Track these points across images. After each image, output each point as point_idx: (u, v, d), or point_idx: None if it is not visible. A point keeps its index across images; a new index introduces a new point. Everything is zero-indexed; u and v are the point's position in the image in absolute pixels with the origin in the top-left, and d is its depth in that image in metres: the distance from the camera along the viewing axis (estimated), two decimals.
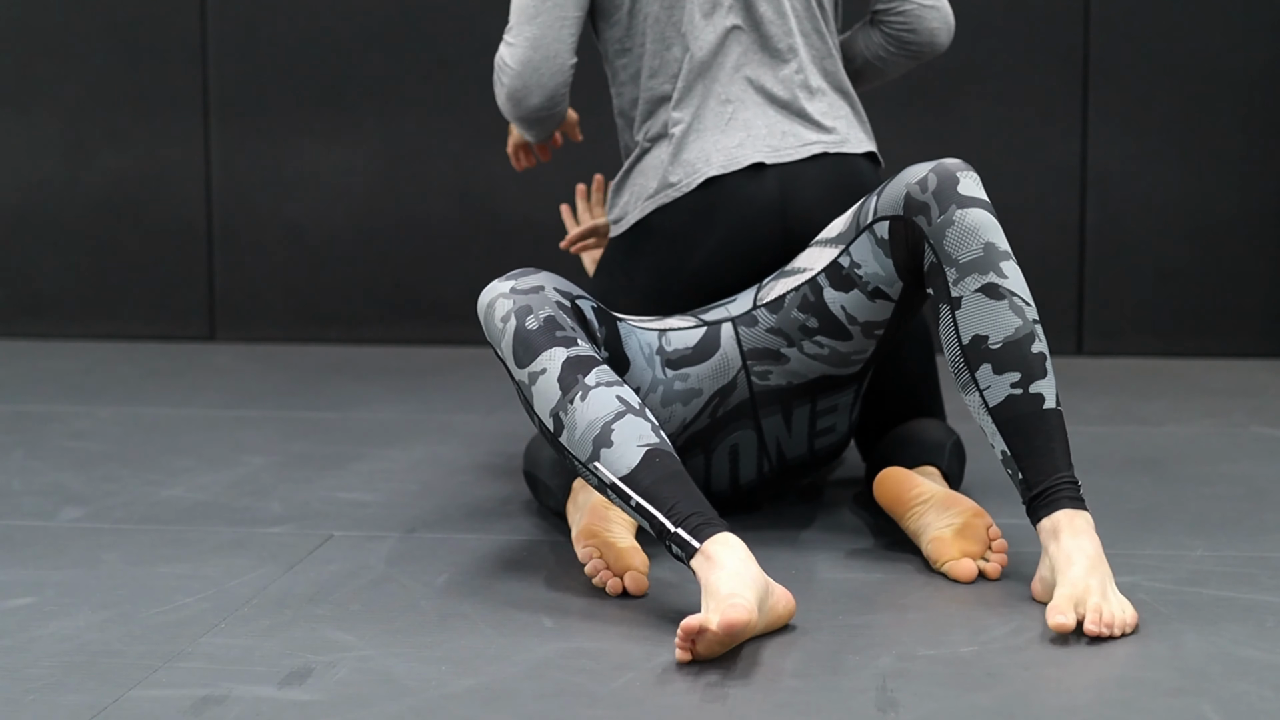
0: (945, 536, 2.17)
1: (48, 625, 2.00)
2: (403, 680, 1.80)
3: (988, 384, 2.06)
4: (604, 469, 2.01)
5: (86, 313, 4.42)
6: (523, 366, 2.07)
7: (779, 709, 1.71)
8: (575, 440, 2.03)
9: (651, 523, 1.97)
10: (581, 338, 2.09)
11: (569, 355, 2.06)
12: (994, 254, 2.08)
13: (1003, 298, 2.06)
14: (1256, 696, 1.72)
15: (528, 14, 2.42)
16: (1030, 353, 2.05)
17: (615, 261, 2.45)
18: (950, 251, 2.10)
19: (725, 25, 2.41)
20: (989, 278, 2.07)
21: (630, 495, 1.98)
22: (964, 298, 2.08)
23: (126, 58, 4.35)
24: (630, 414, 2.02)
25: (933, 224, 2.12)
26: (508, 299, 2.10)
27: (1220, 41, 3.99)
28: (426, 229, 4.29)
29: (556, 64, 2.41)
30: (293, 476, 2.81)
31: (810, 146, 2.40)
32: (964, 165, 2.16)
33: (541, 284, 2.12)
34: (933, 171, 2.14)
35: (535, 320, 2.08)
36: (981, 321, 2.07)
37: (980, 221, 2.10)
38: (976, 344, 2.06)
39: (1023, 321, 2.06)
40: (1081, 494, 2.02)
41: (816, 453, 2.45)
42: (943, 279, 2.11)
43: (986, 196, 2.14)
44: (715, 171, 2.36)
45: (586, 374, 2.04)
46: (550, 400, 2.05)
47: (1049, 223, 4.06)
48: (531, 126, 2.50)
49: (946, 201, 2.12)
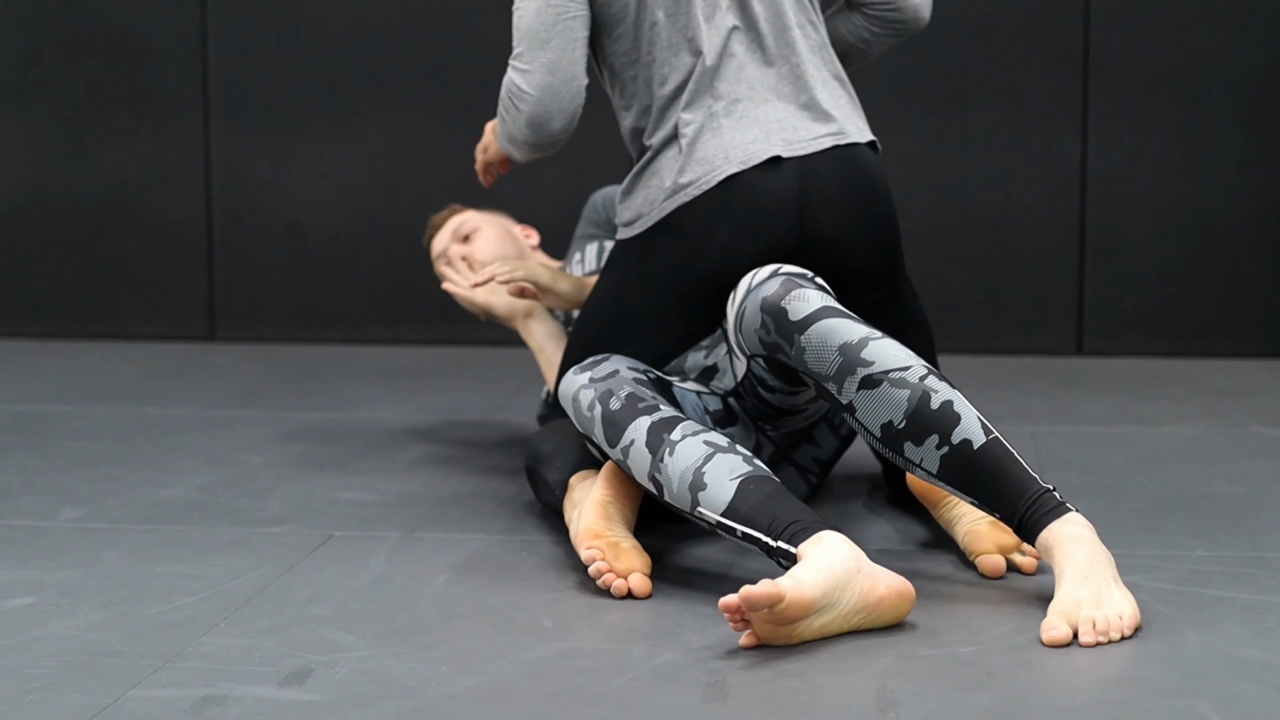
0: (980, 529, 2.20)
1: (48, 625, 2.00)
2: (403, 680, 1.80)
3: (919, 457, 2.08)
4: (706, 511, 2.07)
5: (86, 313, 4.42)
6: (615, 445, 2.18)
7: (779, 709, 1.71)
8: (675, 494, 2.10)
9: (760, 547, 2.02)
10: (663, 403, 2.21)
11: (652, 421, 2.16)
12: (850, 351, 2.11)
13: (879, 383, 2.09)
14: (1256, 696, 1.72)
15: (539, 39, 2.41)
16: (933, 411, 2.06)
17: (628, 262, 2.45)
18: (817, 369, 2.14)
19: (727, 26, 2.42)
20: (859, 373, 2.10)
21: (735, 528, 2.04)
22: (853, 400, 2.11)
23: (126, 58, 4.35)
24: (719, 453, 2.09)
25: (793, 356, 2.17)
26: (589, 389, 2.24)
27: (1220, 41, 3.99)
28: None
29: (574, 86, 2.42)
30: (293, 476, 2.81)
31: (821, 140, 2.40)
32: (783, 286, 2.18)
33: (616, 368, 2.26)
34: (763, 313, 2.18)
35: (618, 400, 2.20)
36: (878, 411, 2.09)
37: (822, 333, 2.13)
38: (887, 431, 2.09)
39: (910, 390, 2.08)
40: (1056, 495, 2.02)
41: (845, 438, 2.56)
42: (828, 393, 2.15)
43: (812, 294, 2.16)
44: (735, 168, 2.36)
45: (671, 431, 2.14)
46: (645, 466, 2.14)
47: (1049, 223, 4.06)
48: (544, 150, 2.49)
49: (788, 334, 2.16)
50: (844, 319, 2.14)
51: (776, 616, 1.85)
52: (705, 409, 2.39)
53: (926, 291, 3.03)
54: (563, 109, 2.43)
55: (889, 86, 3.98)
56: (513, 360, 3.94)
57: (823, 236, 2.36)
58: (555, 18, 2.40)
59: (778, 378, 2.26)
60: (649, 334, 2.42)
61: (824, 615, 1.89)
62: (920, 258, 3.61)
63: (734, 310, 2.25)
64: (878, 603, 1.93)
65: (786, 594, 1.84)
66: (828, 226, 2.37)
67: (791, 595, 1.85)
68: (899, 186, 2.91)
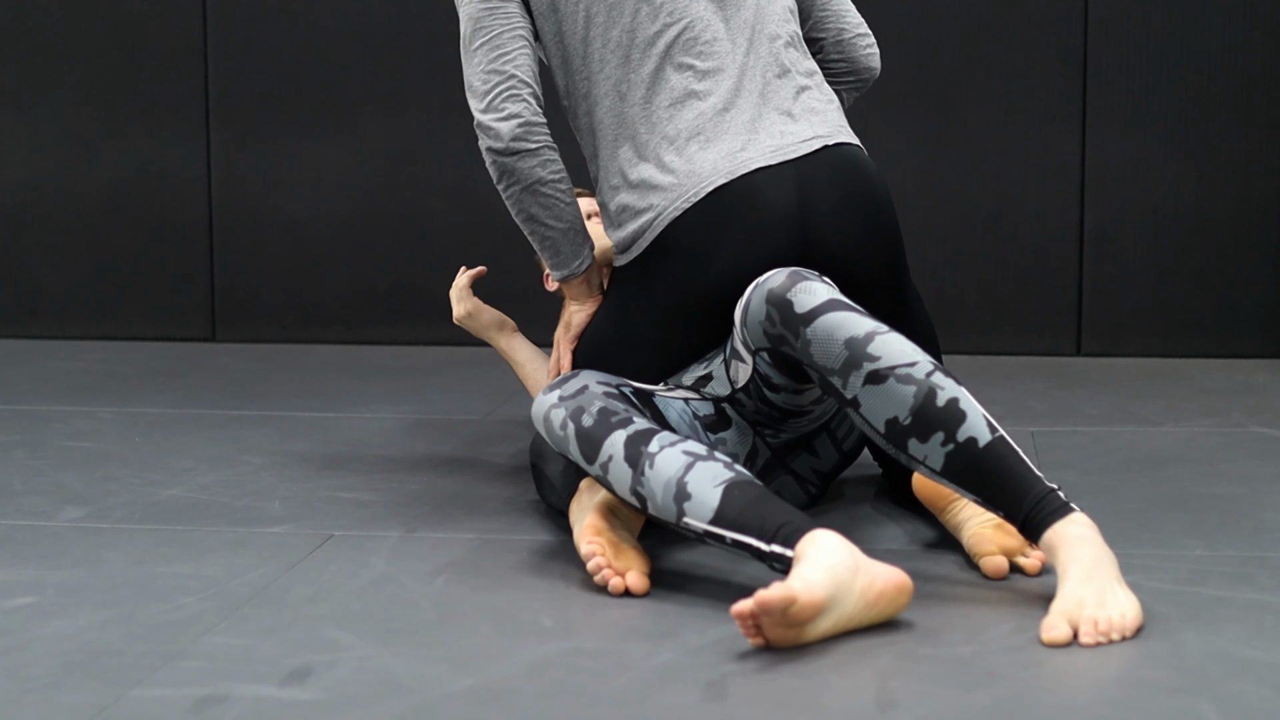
0: (985, 532, 2.20)
1: (48, 625, 2.00)
2: (403, 680, 1.80)
3: (923, 454, 2.08)
4: (692, 521, 2.06)
5: (86, 313, 4.42)
6: (593, 462, 2.17)
7: (779, 709, 1.71)
8: (660, 506, 2.09)
9: (751, 552, 2.01)
10: (636, 414, 2.19)
11: (628, 434, 2.15)
12: (856, 346, 2.10)
13: (886, 378, 2.08)
14: (1256, 696, 1.73)
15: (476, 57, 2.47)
16: (939, 408, 2.06)
17: (629, 281, 2.45)
18: (823, 363, 2.13)
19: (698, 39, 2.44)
20: (865, 368, 2.09)
21: (724, 535, 2.03)
22: (858, 395, 2.10)
23: (126, 58, 4.35)
24: (699, 461, 2.08)
25: (797, 349, 2.16)
26: (559, 408, 2.21)
27: (1220, 41, 3.99)
28: (426, 229, 4.29)
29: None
30: (293, 476, 2.81)
31: (809, 143, 2.40)
32: (789, 279, 2.18)
33: (585, 384, 2.24)
34: (769, 304, 2.18)
35: (589, 416, 2.18)
36: (884, 407, 2.09)
37: (829, 326, 2.13)
38: (892, 427, 2.09)
39: (915, 386, 2.07)
40: (1061, 495, 2.03)
41: (848, 453, 2.55)
42: (832, 387, 2.14)
43: (819, 288, 2.16)
44: (723, 179, 2.36)
45: (648, 444, 2.12)
46: (626, 481, 2.13)
47: (1049, 223, 4.06)
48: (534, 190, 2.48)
49: (794, 327, 2.15)
50: (850, 312, 2.14)
51: (789, 619, 1.85)
52: (694, 414, 2.38)
53: (926, 291, 3.03)
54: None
55: (889, 86, 3.98)
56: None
57: (825, 248, 2.35)
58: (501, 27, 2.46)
59: (784, 374, 2.26)
60: (651, 351, 2.42)
61: (830, 617, 1.90)
62: (920, 258, 3.61)
63: (740, 306, 2.25)
64: (877, 598, 1.93)
65: (799, 596, 1.84)
66: (830, 237, 2.35)
67: (804, 597, 1.85)
68: (898, 186, 2.92)
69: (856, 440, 2.53)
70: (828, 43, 2.63)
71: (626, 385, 2.30)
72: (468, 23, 2.47)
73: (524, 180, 2.41)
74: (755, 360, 2.27)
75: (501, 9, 2.45)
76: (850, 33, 2.63)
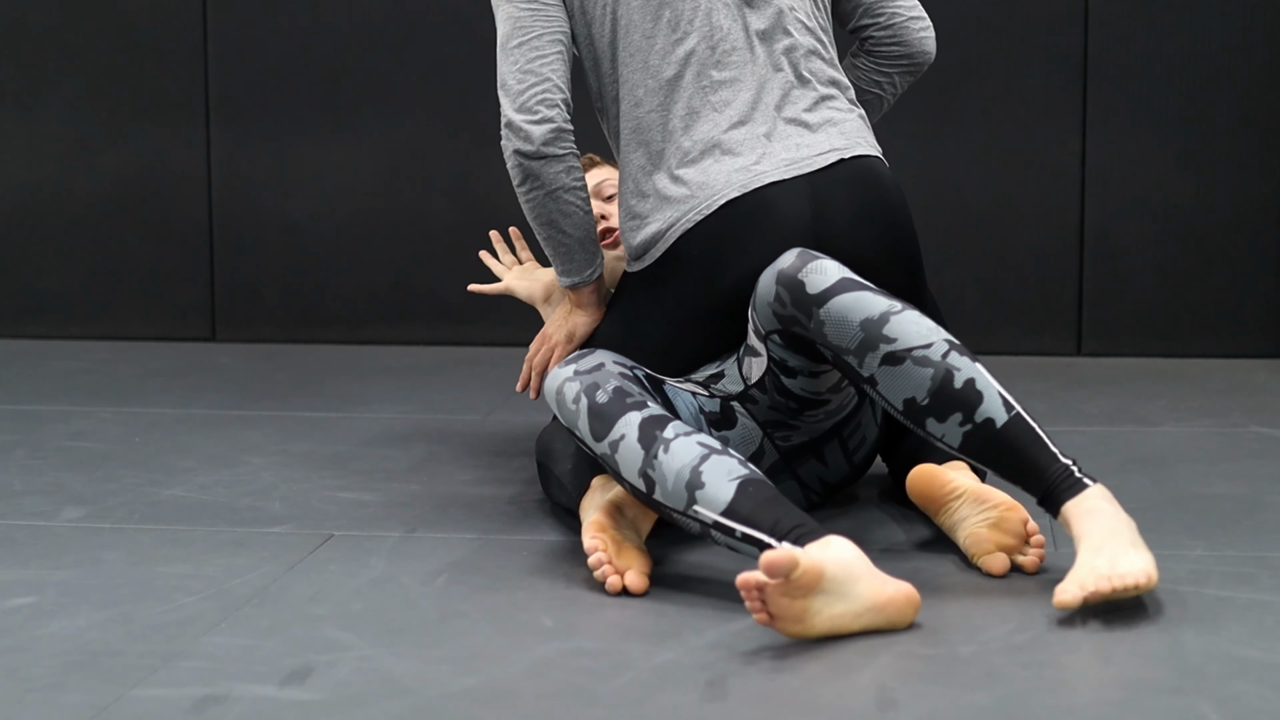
0: (981, 531, 2.20)
1: (49, 625, 2.00)
2: (403, 680, 1.80)
3: (941, 433, 2.11)
4: (703, 510, 2.05)
5: (86, 313, 4.42)
6: (601, 439, 2.15)
7: (779, 708, 1.71)
8: (669, 492, 2.08)
9: (760, 548, 2.01)
10: (651, 399, 2.19)
11: (644, 416, 2.14)
12: (872, 327, 2.12)
13: (904, 360, 2.10)
14: (1256, 696, 1.73)
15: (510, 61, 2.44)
16: (957, 389, 2.09)
17: (640, 289, 2.45)
18: (838, 343, 2.14)
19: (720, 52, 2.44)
20: (881, 350, 2.11)
21: (734, 528, 2.03)
22: (874, 374, 2.12)
23: (127, 58, 4.35)
24: (715, 454, 2.08)
25: (810, 329, 2.16)
26: (574, 381, 2.20)
27: (1220, 41, 3.99)
28: (426, 229, 4.29)
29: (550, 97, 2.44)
30: (293, 476, 2.81)
31: (825, 155, 2.39)
32: (799, 259, 2.19)
33: (601, 361, 2.23)
34: (779, 285, 2.18)
35: (605, 394, 2.17)
36: (902, 387, 2.11)
37: (843, 307, 2.13)
38: (910, 407, 2.12)
39: (933, 368, 2.09)
40: (1076, 471, 2.08)
41: (858, 466, 2.53)
42: (848, 366, 2.15)
43: (829, 266, 2.16)
44: (736, 193, 2.36)
45: (664, 429, 2.12)
46: (635, 462, 2.11)
47: (1049, 223, 4.06)
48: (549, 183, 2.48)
49: (806, 308, 2.16)
50: (863, 290, 2.15)
51: (791, 586, 1.85)
52: (700, 409, 2.38)
53: None
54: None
55: None
56: (513, 360, 3.94)
57: (840, 261, 2.34)
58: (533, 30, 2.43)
59: (798, 355, 2.25)
60: (660, 357, 2.42)
61: (835, 605, 1.89)
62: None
63: (751, 297, 2.26)
64: (886, 604, 1.93)
65: (801, 560, 1.85)
66: (845, 251, 2.34)
67: (805, 562, 1.86)
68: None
69: (867, 454, 2.53)
70: (880, 26, 2.63)
71: (640, 369, 2.31)
72: (507, 22, 2.44)
73: (548, 185, 2.42)
74: (768, 346, 2.26)
75: (543, 11, 2.44)
76: (904, 15, 2.63)
